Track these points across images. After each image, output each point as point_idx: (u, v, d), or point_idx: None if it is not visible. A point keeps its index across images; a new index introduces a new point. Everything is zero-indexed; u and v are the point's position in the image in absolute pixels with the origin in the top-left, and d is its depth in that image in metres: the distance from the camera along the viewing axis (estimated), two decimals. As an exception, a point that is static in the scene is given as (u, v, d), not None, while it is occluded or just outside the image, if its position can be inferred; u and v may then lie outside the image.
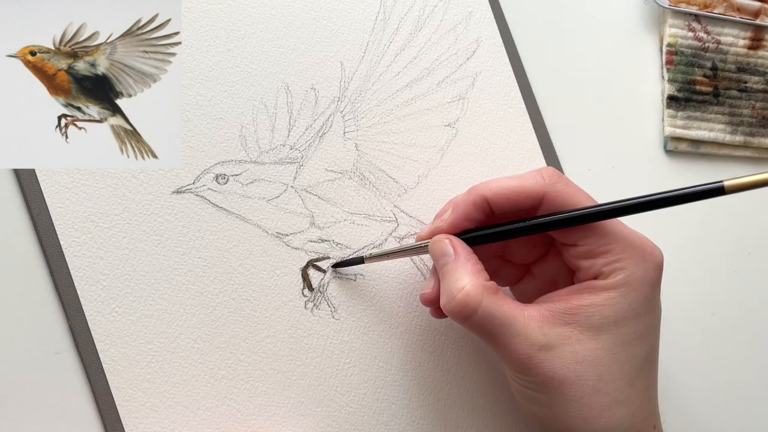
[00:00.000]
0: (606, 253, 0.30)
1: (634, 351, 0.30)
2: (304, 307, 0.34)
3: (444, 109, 0.39)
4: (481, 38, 0.41)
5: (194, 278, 0.33)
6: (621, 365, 0.30)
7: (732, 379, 0.43)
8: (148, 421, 0.31)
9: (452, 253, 0.31)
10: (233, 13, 0.36)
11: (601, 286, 0.30)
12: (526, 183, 0.31)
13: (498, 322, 0.29)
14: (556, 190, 0.31)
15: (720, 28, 0.46)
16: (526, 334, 0.29)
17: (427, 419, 0.35)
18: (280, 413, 0.33)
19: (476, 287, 0.29)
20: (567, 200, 0.31)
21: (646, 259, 0.30)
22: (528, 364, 0.29)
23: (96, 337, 0.31)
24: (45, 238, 0.31)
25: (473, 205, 0.31)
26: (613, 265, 0.30)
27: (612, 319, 0.29)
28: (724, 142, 0.45)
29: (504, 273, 0.35)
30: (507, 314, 0.29)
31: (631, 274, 0.30)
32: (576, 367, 0.29)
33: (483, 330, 0.30)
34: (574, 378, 0.29)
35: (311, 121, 0.36)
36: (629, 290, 0.30)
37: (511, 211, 0.31)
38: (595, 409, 0.29)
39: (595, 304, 0.30)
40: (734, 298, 0.44)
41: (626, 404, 0.30)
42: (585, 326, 0.29)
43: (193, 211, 0.33)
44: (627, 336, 0.30)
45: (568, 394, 0.29)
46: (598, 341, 0.29)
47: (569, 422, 0.30)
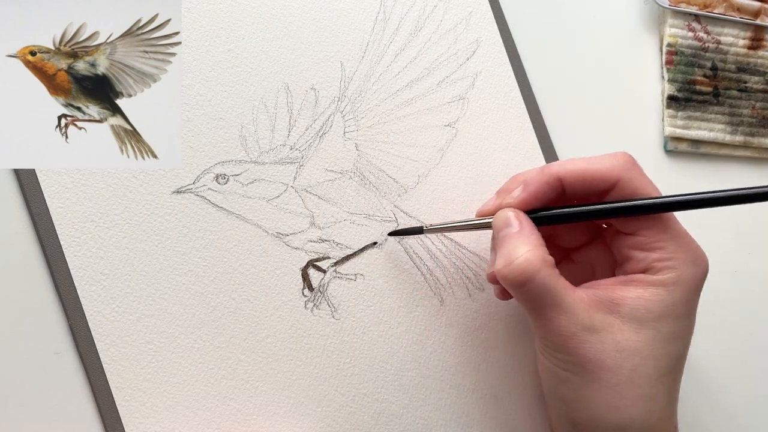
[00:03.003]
0: (661, 249, 0.30)
1: (670, 349, 0.30)
2: (304, 307, 0.34)
3: (444, 109, 0.39)
4: (481, 38, 0.41)
5: (194, 278, 0.33)
6: (657, 361, 0.30)
7: (732, 379, 0.43)
8: (148, 421, 0.31)
9: (517, 225, 0.31)
10: (233, 13, 0.36)
11: (649, 281, 0.30)
12: (603, 167, 0.31)
13: (550, 295, 0.29)
14: (630, 177, 0.31)
15: (720, 28, 0.46)
16: (575, 312, 0.29)
17: (427, 419, 0.35)
18: (280, 413, 0.33)
19: (536, 256, 0.29)
20: (639, 188, 0.31)
21: (696, 262, 0.31)
22: (570, 343, 0.30)
23: (96, 337, 0.31)
24: (45, 238, 0.31)
25: (547, 185, 0.31)
26: (665, 262, 0.30)
27: (656, 314, 0.30)
28: (724, 142, 0.45)
29: None
30: (560, 290, 0.29)
31: (681, 275, 0.30)
32: (615, 354, 0.29)
33: (534, 300, 0.30)
34: (611, 365, 0.29)
35: (311, 121, 0.36)
36: (676, 290, 0.30)
37: (583, 193, 0.31)
38: (627, 399, 0.30)
39: (642, 297, 0.30)
40: (734, 298, 0.44)
41: (654, 400, 0.30)
42: (629, 317, 0.30)
43: (193, 211, 0.33)
44: (666, 334, 0.30)
45: (603, 379, 0.30)
46: (640, 334, 0.30)
47: (598, 409, 0.30)
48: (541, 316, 0.30)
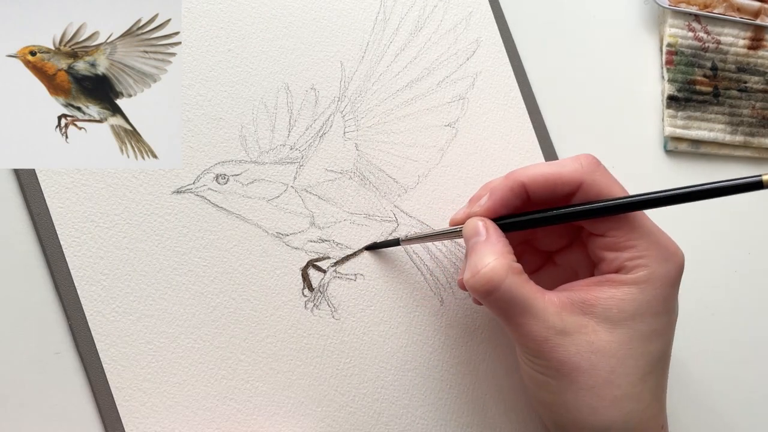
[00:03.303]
0: (631, 248, 0.30)
1: (649, 348, 0.30)
2: (304, 307, 0.34)
3: (444, 109, 0.39)
4: (481, 38, 0.41)
5: (194, 278, 0.33)
6: (636, 360, 0.30)
7: (732, 379, 0.43)
8: (148, 421, 0.31)
9: (484, 234, 0.31)
10: (233, 13, 0.36)
11: (621, 280, 0.30)
12: (565, 170, 0.31)
13: (519, 302, 0.29)
14: (593, 179, 0.31)
15: (720, 28, 0.46)
16: (545, 317, 0.29)
17: (427, 419, 0.35)
18: (280, 413, 0.33)
19: (502, 264, 0.29)
20: (603, 190, 0.31)
21: (669, 258, 0.30)
22: (543, 347, 0.29)
23: (96, 337, 0.31)
24: (45, 238, 0.31)
25: (511, 191, 0.31)
26: (636, 261, 0.30)
27: (630, 313, 0.30)
28: (724, 142, 0.45)
29: (527, 259, 0.35)
30: (528, 295, 0.29)
31: (653, 272, 0.30)
32: (590, 356, 0.29)
33: (503, 308, 0.30)
34: (587, 366, 0.29)
35: (311, 121, 0.36)
36: (649, 287, 0.30)
37: (548, 197, 0.31)
38: (606, 400, 0.29)
39: (615, 297, 0.30)
40: (734, 298, 0.44)
41: (637, 400, 0.30)
42: (602, 318, 0.30)
43: (193, 211, 0.33)
44: (643, 332, 0.30)
45: (580, 381, 0.29)
46: (614, 334, 0.30)
47: (579, 411, 0.30)
48: (512, 323, 0.30)
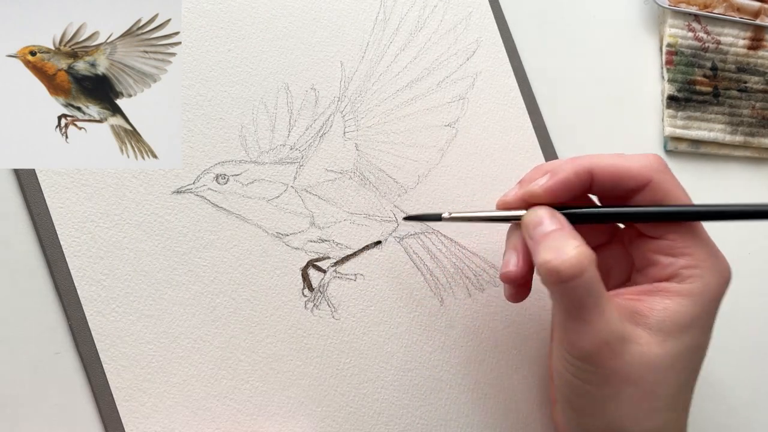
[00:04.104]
0: (689, 255, 0.29)
1: (691, 362, 0.29)
2: (304, 307, 0.34)
3: (444, 109, 0.39)
4: (481, 38, 0.41)
5: (194, 278, 0.33)
6: (678, 374, 0.29)
7: (732, 379, 0.43)
8: (148, 421, 0.31)
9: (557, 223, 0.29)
10: (233, 13, 0.36)
11: (676, 291, 0.29)
12: (635, 165, 0.30)
13: (594, 295, 0.27)
14: (662, 179, 0.29)
15: (720, 28, 0.46)
16: (611, 317, 0.28)
17: (427, 419, 0.35)
18: (280, 413, 0.33)
19: (588, 252, 0.27)
20: (670, 191, 0.29)
21: (721, 272, 0.29)
22: (601, 352, 0.28)
23: (96, 337, 0.31)
24: (45, 238, 0.31)
25: (576, 176, 0.30)
26: (692, 270, 0.29)
27: (682, 326, 0.29)
28: (724, 142, 0.45)
29: None
30: (602, 292, 0.28)
31: (707, 284, 0.29)
32: (640, 368, 0.28)
33: (577, 298, 0.27)
34: (635, 378, 0.28)
35: (311, 121, 0.36)
36: (701, 299, 0.29)
37: (612, 190, 0.30)
38: (648, 411, 0.29)
39: (669, 308, 0.29)
40: (734, 298, 0.44)
41: (673, 409, 0.29)
42: (656, 330, 0.28)
43: (193, 211, 0.33)
44: (690, 347, 0.29)
45: (626, 392, 0.28)
46: (664, 347, 0.28)
47: (615, 420, 0.29)
48: (578, 318, 0.28)
